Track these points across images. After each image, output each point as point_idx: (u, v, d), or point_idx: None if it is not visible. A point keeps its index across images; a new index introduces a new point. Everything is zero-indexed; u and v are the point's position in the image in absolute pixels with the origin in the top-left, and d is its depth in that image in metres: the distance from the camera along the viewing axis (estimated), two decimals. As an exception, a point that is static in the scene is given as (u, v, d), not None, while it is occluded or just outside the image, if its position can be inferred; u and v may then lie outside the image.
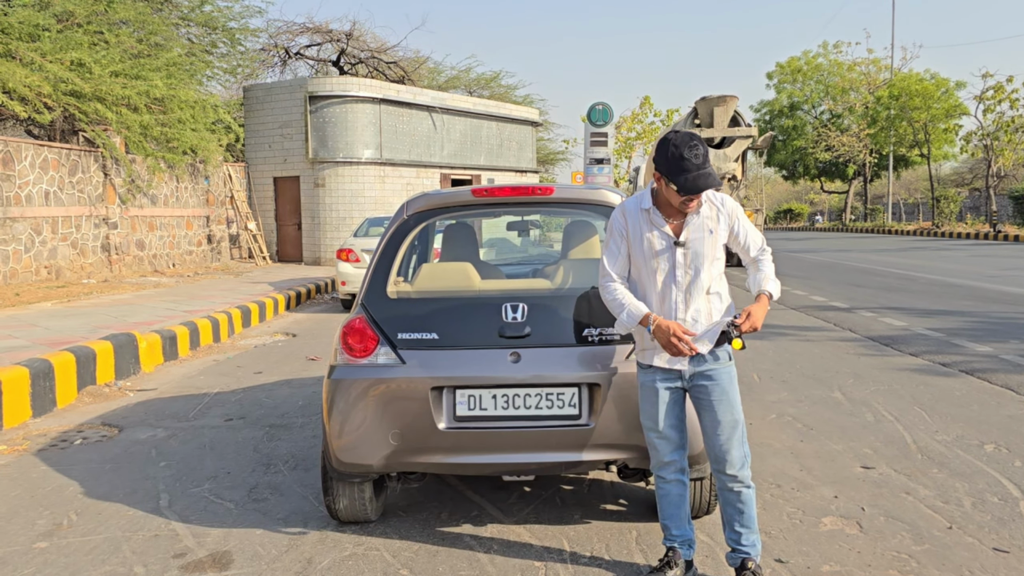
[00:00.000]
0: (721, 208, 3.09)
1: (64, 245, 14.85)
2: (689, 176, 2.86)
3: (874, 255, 22.65)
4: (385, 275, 3.75)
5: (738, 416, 3.09)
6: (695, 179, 2.86)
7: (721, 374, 3.07)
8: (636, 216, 3.09)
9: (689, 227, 3.03)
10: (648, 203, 3.07)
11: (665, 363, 3.08)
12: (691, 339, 2.98)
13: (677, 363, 3.06)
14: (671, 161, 2.89)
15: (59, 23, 14.60)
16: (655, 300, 3.07)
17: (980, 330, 9.03)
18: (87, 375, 6.92)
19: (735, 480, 3.08)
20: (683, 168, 2.86)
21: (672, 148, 2.89)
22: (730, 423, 3.07)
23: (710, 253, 3.04)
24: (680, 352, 2.96)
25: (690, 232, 3.03)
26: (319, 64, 30.43)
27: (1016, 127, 33.64)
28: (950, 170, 56.74)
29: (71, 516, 4.08)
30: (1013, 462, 4.60)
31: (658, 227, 3.04)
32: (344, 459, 3.51)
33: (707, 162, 2.89)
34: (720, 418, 3.06)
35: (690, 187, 2.87)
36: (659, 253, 3.04)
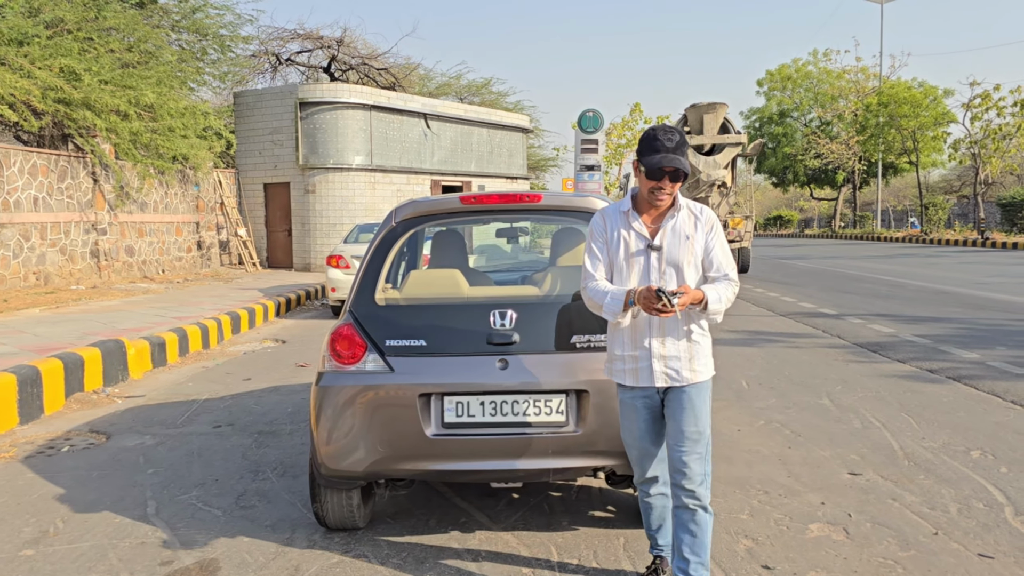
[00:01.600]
0: (700, 216, 3.04)
1: (53, 251, 14.78)
2: (655, 157, 2.84)
3: (863, 262, 22.76)
4: (373, 282, 3.76)
5: (703, 429, 2.97)
6: (661, 160, 2.84)
7: (691, 389, 2.98)
8: (615, 218, 3.07)
9: (665, 231, 2.99)
10: (627, 205, 3.05)
11: (634, 381, 3.01)
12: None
13: (645, 381, 2.99)
14: (645, 142, 2.90)
15: (49, 30, 14.56)
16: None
17: (968, 337, 9.09)
18: (75, 382, 6.88)
19: (692, 497, 2.95)
20: (654, 148, 2.86)
21: (650, 131, 2.91)
22: (692, 435, 2.95)
23: (686, 259, 2.97)
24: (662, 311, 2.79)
25: (666, 236, 2.99)
26: (310, 70, 30.43)
27: (1003, 135, 33.91)
28: (939, 177, 57.10)
29: (58, 523, 4.06)
30: (999, 468, 4.63)
31: (635, 228, 3.02)
32: (332, 466, 3.51)
33: (680, 150, 2.86)
34: (683, 428, 2.95)
35: (655, 165, 2.84)
36: (634, 255, 3.00)
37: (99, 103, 14.57)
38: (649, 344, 2.97)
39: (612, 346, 3.09)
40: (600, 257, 3.08)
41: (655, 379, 2.96)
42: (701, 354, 3.00)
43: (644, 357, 2.98)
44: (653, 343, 2.97)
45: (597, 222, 3.12)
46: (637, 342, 3.00)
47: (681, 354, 2.96)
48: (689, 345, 2.98)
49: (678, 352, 2.96)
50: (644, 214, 3.04)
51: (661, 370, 2.96)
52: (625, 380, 3.03)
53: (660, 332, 2.97)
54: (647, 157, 2.87)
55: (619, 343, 3.05)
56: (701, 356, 3.00)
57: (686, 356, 2.97)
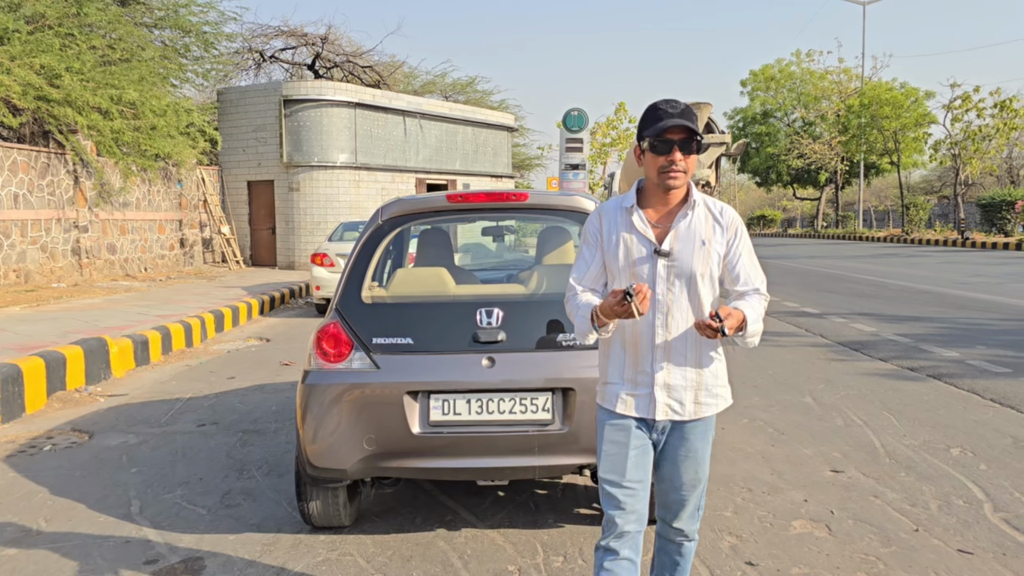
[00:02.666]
0: (720, 217, 2.52)
1: (33, 249, 14.64)
2: (660, 123, 2.38)
3: (845, 261, 22.93)
4: (359, 280, 3.76)
5: (702, 475, 2.58)
6: (667, 123, 2.38)
7: (696, 426, 2.53)
8: (614, 216, 2.55)
9: (676, 233, 2.47)
10: (632, 200, 2.53)
11: (629, 410, 2.52)
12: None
13: (643, 411, 2.51)
14: (645, 116, 2.46)
15: (29, 25, 14.42)
16: (630, 326, 2.49)
17: (948, 336, 9.19)
18: (57, 380, 6.83)
19: (680, 534, 2.64)
20: (657, 117, 2.40)
21: (650, 105, 2.49)
22: (691, 481, 2.56)
23: (701, 269, 2.45)
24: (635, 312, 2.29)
25: (677, 240, 2.46)
26: (294, 68, 30.28)
27: (983, 136, 34.27)
28: (919, 178, 57.62)
29: (41, 523, 4.04)
30: (978, 465, 4.69)
31: (638, 230, 2.48)
32: (318, 464, 3.51)
33: (688, 116, 2.40)
34: (681, 473, 2.55)
35: (661, 129, 2.37)
36: (637, 262, 2.47)
37: (80, 100, 14.45)
38: (652, 369, 2.49)
39: (606, 369, 2.61)
40: (587, 264, 2.59)
41: (656, 410, 2.50)
42: (714, 382, 2.54)
43: (645, 384, 2.50)
44: (657, 369, 2.48)
45: (593, 223, 2.61)
46: (638, 366, 2.51)
47: (689, 383, 2.50)
48: (700, 373, 2.51)
49: (686, 380, 2.50)
50: (651, 208, 2.52)
51: (664, 401, 2.49)
52: (618, 407, 2.55)
53: (666, 355, 2.47)
54: (651, 127, 2.41)
55: (615, 366, 2.56)
56: (714, 384, 2.54)
57: (694, 385, 2.50)
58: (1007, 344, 8.50)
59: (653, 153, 2.42)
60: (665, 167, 2.41)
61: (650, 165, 2.45)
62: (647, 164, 2.46)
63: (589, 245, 2.61)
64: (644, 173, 2.53)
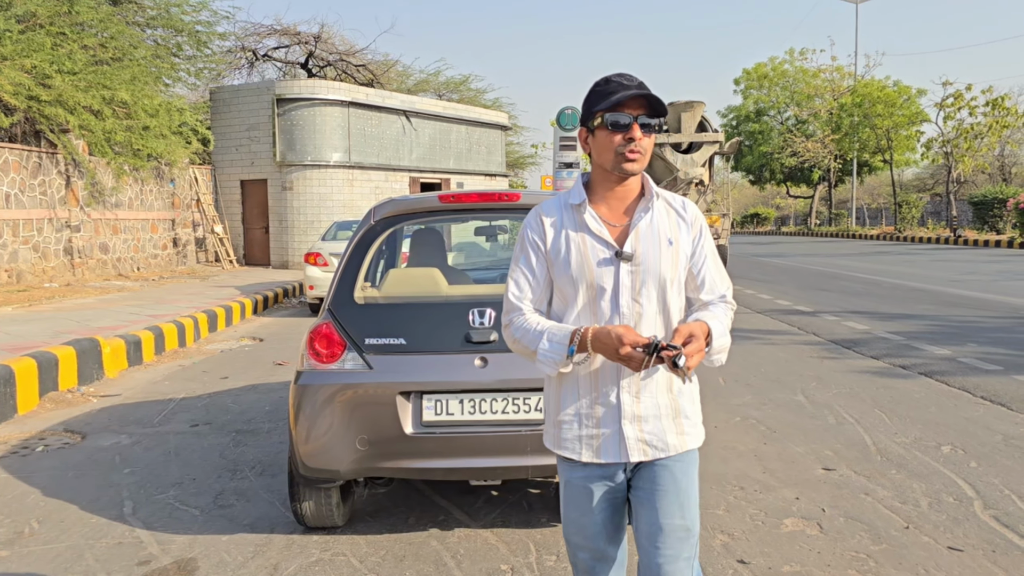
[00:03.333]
0: (683, 212, 2.13)
1: (25, 248, 14.59)
2: (616, 95, 1.98)
3: (838, 259, 23.00)
4: (352, 280, 3.76)
5: (692, 523, 2.08)
6: (625, 95, 1.97)
7: (676, 462, 2.07)
8: (560, 216, 2.11)
9: (638, 232, 2.05)
10: (579, 196, 2.10)
11: (595, 456, 2.06)
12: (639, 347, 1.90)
13: (611, 454, 2.05)
14: (595, 89, 2.04)
15: (20, 24, 14.36)
16: None
17: (939, 333, 9.23)
18: (49, 381, 6.82)
19: None
20: (611, 90, 2.00)
21: (598, 80, 2.06)
22: (678, 530, 2.05)
23: (671, 273, 2.05)
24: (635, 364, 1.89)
25: (639, 240, 2.05)
26: (287, 66, 30.22)
27: (975, 134, 34.39)
28: (912, 176, 57.79)
29: (33, 524, 4.03)
30: (969, 463, 4.72)
31: (592, 230, 2.06)
32: (311, 465, 3.51)
33: (646, 89, 2.01)
34: (664, 521, 2.04)
35: (619, 100, 1.97)
36: (596, 269, 2.03)
37: (72, 100, 14.40)
38: (618, 399, 2.04)
39: (556, 402, 2.12)
40: (533, 277, 2.11)
41: (627, 451, 2.04)
42: (692, 408, 2.12)
43: (610, 419, 2.05)
44: (623, 398, 2.04)
45: (532, 226, 2.14)
46: (599, 396, 2.06)
47: (665, 411, 2.06)
48: (675, 397, 2.08)
49: (659, 408, 2.06)
50: (602, 205, 2.11)
51: (636, 437, 2.03)
52: (580, 454, 2.08)
53: (633, 377, 2.04)
54: (604, 101, 1.99)
55: (569, 397, 2.09)
56: (693, 411, 2.12)
57: (671, 413, 2.07)
58: (998, 342, 8.54)
59: (609, 131, 2.00)
60: (623, 146, 1.99)
61: (603, 148, 2.02)
62: (598, 148, 2.04)
63: (530, 253, 2.12)
64: (592, 161, 2.11)
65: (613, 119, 1.99)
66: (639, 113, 1.99)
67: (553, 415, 2.14)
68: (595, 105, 2.02)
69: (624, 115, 1.98)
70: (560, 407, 2.12)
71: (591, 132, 2.06)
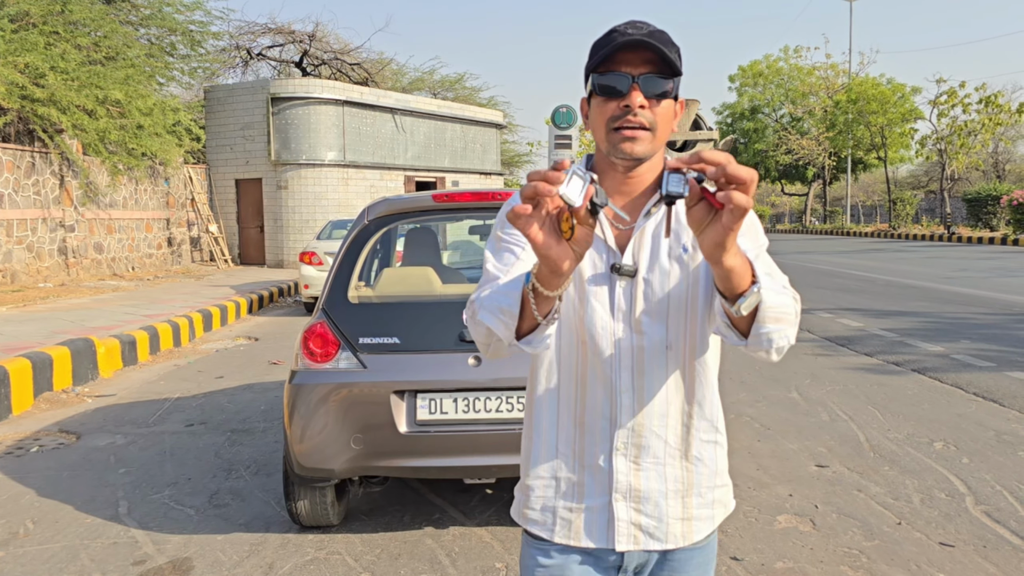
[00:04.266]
0: None
1: (19, 248, 14.56)
2: (619, 40, 1.35)
3: (833, 256, 23.06)
4: (346, 280, 3.77)
5: None
6: (622, 44, 1.35)
7: (688, 560, 1.52)
8: None
9: (643, 238, 1.44)
10: None
11: (569, 537, 1.50)
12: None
13: (597, 538, 1.48)
14: (597, 42, 1.42)
15: (13, 24, 14.33)
16: (571, 384, 1.49)
17: (933, 330, 9.27)
18: (44, 381, 6.81)
19: None
20: (610, 40, 1.37)
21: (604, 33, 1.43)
22: None
23: (685, 297, 1.43)
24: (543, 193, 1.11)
25: (643, 247, 1.43)
26: (281, 65, 30.18)
27: (969, 131, 34.49)
28: (906, 173, 57.95)
29: (28, 524, 4.04)
30: (961, 459, 4.74)
31: None
32: (306, 464, 3.52)
33: (660, 36, 1.37)
34: None
35: (611, 51, 1.36)
36: (587, 283, 1.44)
37: (65, 100, 14.38)
38: (610, 463, 1.46)
39: (527, 457, 1.56)
40: (515, 256, 1.47)
41: (617, 536, 1.47)
42: (712, 480, 1.51)
43: (597, 490, 1.48)
44: (617, 463, 1.46)
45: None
46: (585, 455, 1.48)
47: (672, 485, 1.48)
48: (688, 467, 1.49)
49: (666, 482, 1.47)
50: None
51: (630, 520, 1.47)
52: (553, 532, 1.52)
53: (634, 438, 1.45)
54: (603, 49, 1.38)
55: (543, 453, 1.53)
56: (711, 485, 1.52)
57: (680, 489, 1.48)
58: (991, 338, 8.58)
59: (600, 93, 1.39)
60: (617, 117, 1.37)
61: (597, 121, 1.42)
62: (594, 122, 1.44)
63: (507, 242, 1.50)
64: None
65: (603, 82, 1.38)
66: (644, 71, 1.36)
67: (524, 476, 1.57)
68: (592, 55, 1.42)
69: (618, 75, 1.37)
70: (530, 465, 1.55)
71: (589, 101, 1.47)
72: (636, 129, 1.37)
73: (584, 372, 1.47)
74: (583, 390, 1.48)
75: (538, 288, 1.23)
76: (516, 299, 1.29)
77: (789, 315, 1.30)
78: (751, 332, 1.28)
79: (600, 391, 1.46)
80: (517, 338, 1.34)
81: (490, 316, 1.34)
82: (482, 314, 1.35)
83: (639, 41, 1.35)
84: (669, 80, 1.38)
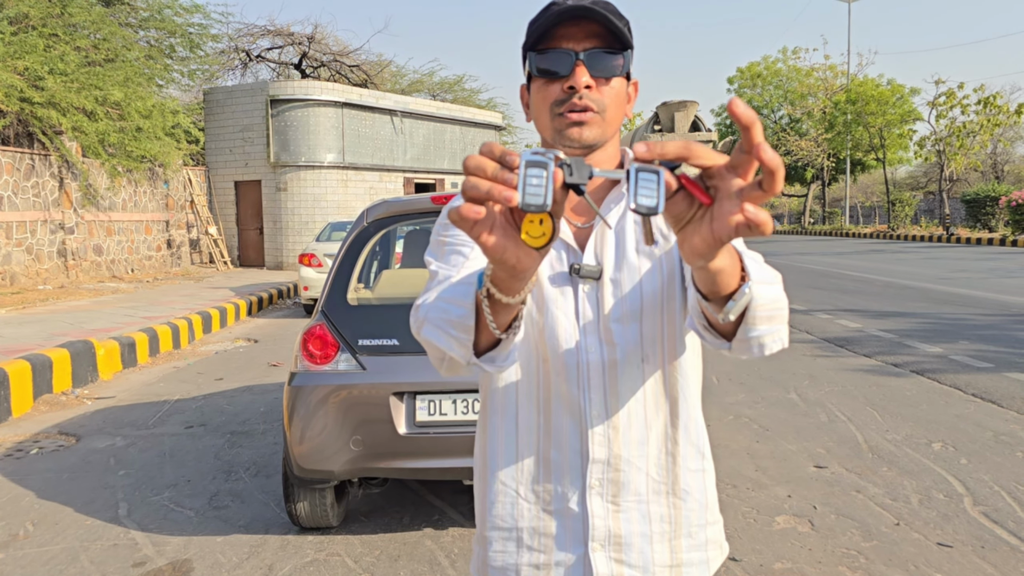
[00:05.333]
0: None
1: (19, 251, 14.57)
2: (557, 11, 1.16)
3: (832, 257, 23.07)
4: (345, 282, 3.78)
5: None
6: (559, 14, 1.16)
7: None
8: None
9: (605, 232, 1.26)
10: None
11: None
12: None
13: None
14: (533, 19, 1.21)
15: (13, 25, 14.34)
16: (531, 412, 1.26)
17: (931, 331, 9.28)
18: (43, 383, 6.82)
19: None
20: (548, 12, 1.18)
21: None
22: None
23: (659, 298, 1.23)
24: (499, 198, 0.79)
25: (607, 242, 1.25)
26: (281, 67, 30.22)
27: (967, 132, 34.53)
28: (905, 174, 58.00)
29: (28, 526, 4.04)
30: (959, 460, 4.75)
31: None
32: (305, 465, 3.53)
33: (602, 2, 1.17)
34: None
35: (549, 24, 1.17)
36: (547, 288, 1.24)
37: (64, 102, 14.40)
38: (583, 505, 1.25)
39: (484, 502, 1.33)
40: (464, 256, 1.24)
41: None
42: (701, 517, 1.31)
43: (570, 539, 1.26)
44: (593, 504, 1.24)
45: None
46: (552, 497, 1.27)
47: (658, 526, 1.27)
48: (675, 503, 1.28)
49: (650, 522, 1.26)
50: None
51: (611, 573, 1.25)
52: None
53: (610, 468, 1.24)
54: (536, 23, 1.19)
55: (504, 496, 1.30)
56: (701, 522, 1.31)
57: (667, 530, 1.27)
58: (989, 339, 8.59)
59: (541, 79, 1.22)
60: (561, 101, 1.19)
61: (539, 107, 1.23)
62: (536, 108, 1.24)
63: (460, 247, 1.26)
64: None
65: (542, 62, 1.20)
66: (588, 46, 1.18)
67: (482, 527, 1.33)
68: (525, 43, 1.23)
69: (560, 52, 1.18)
70: (486, 512, 1.31)
71: (529, 84, 1.27)
72: (583, 112, 1.18)
73: (547, 396, 1.24)
74: (546, 418, 1.25)
75: (495, 295, 0.96)
76: (469, 309, 1.03)
77: (782, 310, 1.07)
78: (738, 334, 1.05)
79: (566, 418, 1.24)
80: (476, 355, 1.07)
81: (438, 332, 1.07)
82: (427, 330, 1.09)
83: (581, 9, 1.15)
84: (618, 55, 1.19)
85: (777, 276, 1.08)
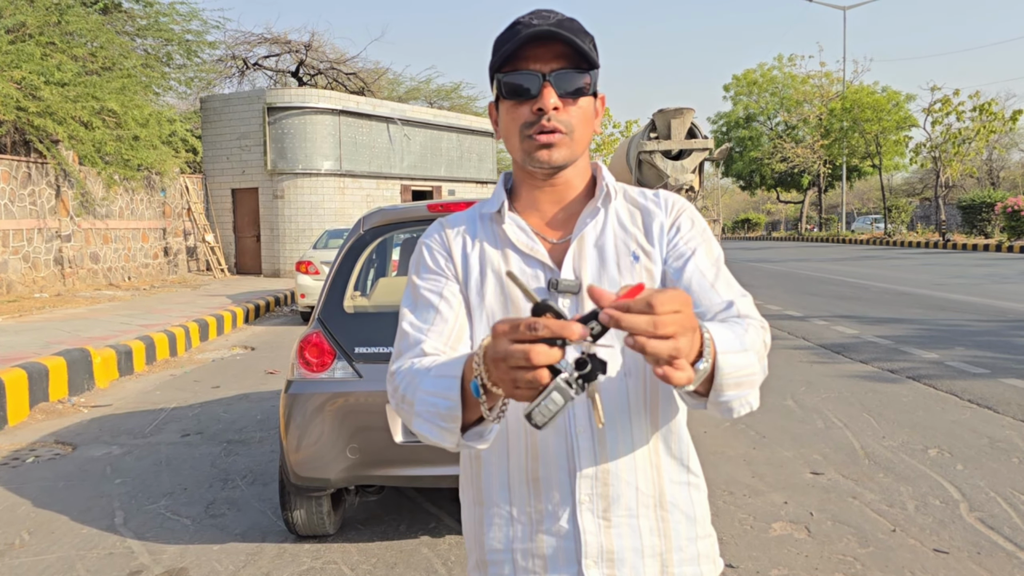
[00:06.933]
0: (655, 208, 1.33)
1: (16, 259, 14.55)
2: (524, 33, 1.21)
3: (828, 264, 23.11)
4: (342, 290, 3.79)
5: None
6: (526, 36, 1.21)
7: None
8: (474, 230, 1.36)
9: (581, 247, 1.29)
10: (497, 201, 1.35)
11: None
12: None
13: None
14: (498, 40, 1.27)
15: (10, 34, 14.36)
16: (518, 433, 1.27)
17: (927, 337, 9.29)
18: (39, 392, 6.81)
19: None
20: (514, 33, 1.23)
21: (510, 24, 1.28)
22: None
23: None
24: (535, 382, 0.92)
25: (585, 257, 1.28)
26: (278, 75, 30.26)
27: (963, 139, 34.63)
28: (901, 180, 58.14)
29: (23, 535, 4.03)
30: (955, 466, 4.76)
31: (517, 245, 1.31)
32: (302, 473, 3.53)
33: (569, 25, 1.23)
34: None
35: (515, 45, 1.21)
36: (522, 304, 1.27)
37: (61, 111, 14.41)
38: (574, 523, 1.25)
39: (478, 524, 1.35)
40: (434, 312, 1.30)
41: None
42: (691, 531, 1.31)
43: (563, 557, 1.26)
44: (584, 521, 1.25)
45: (433, 247, 1.37)
46: (544, 517, 1.27)
47: (649, 541, 1.27)
48: (665, 518, 1.28)
49: (642, 538, 1.26)
50: (532, 212, 1.34)
51: None
52: None
53: (599, 483, 1.25)
54: (503, 47, 1.24)
55: (498, 518, 1.31)
56: (691, 536, 1.31)
57: (658, 547, 1.27)
58: (985, 345, 8.61)
59: (510, 101, 1.26)
60: (530, 123, 1.24)
61: (509, 128, 1.28)
62: (505, 129, 1.29)
63: (435, 283, 1.32)
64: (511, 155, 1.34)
65: (510, 82, 1.24)
66: (555, 67, 1.22)
67: (474, 549, 1.35)
68: (492, 63, 1.27)
69: (527, 73, 1.22)
70: (482, 533, 1.32)
71: (497, 105, 1.32)
72: (551, 134, 1.23)
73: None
74: (533, 438, 1.26)
75: (490, 388, 1.01)
76: (456, 401, 1.09)
77: (752, 375, 1.12)
78: (709, 397, 1.11)
79: (552, 436, 1.25)
80: (462, 432, 1.15)
81: (429, 427, 1.15)
82: (418, 423, 1.16)
83: (547, 32, 1.19)
84: (585, 74, 1.24)
85: (755, 340, 1.15)
